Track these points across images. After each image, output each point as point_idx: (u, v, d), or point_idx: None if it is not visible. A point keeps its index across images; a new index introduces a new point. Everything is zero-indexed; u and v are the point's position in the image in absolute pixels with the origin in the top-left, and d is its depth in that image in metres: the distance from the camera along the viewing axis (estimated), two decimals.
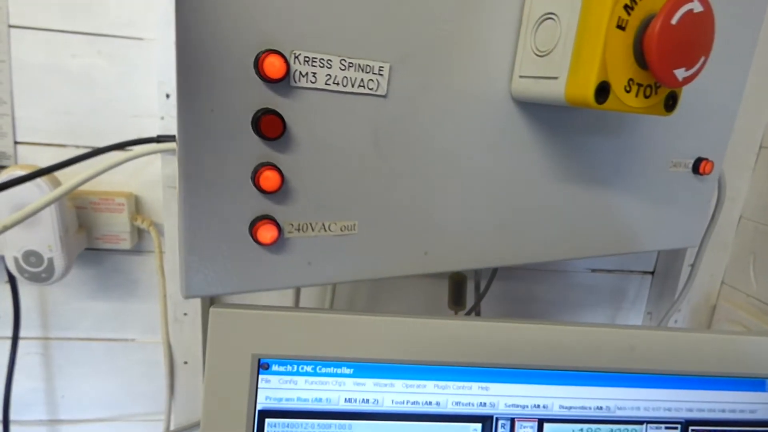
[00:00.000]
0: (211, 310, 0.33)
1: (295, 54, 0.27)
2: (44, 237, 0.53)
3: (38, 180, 0.51)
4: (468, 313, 0.63)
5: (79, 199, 0.58)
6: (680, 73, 0.27)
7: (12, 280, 0.59)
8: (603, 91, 0.28)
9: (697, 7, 0.26)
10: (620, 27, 0.27)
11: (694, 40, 0.27)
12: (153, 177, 0.61)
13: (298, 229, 0.30)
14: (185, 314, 0.63)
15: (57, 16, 0.56)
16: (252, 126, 0.28)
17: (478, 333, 0.36)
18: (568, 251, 0.42)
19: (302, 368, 0.34)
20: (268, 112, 0.27)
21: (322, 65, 0.28)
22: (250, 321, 0.33)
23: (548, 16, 0.30)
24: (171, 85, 0.56)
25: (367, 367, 0.35)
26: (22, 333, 0.64)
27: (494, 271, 0.59)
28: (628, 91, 0.28)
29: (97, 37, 0.57)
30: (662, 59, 0.27)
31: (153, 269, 0.64)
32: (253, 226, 0.29)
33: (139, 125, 0.60)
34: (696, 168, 0.47)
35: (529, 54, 0.32)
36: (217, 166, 0.28)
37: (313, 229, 0.31)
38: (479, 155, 0.35)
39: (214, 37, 0.26)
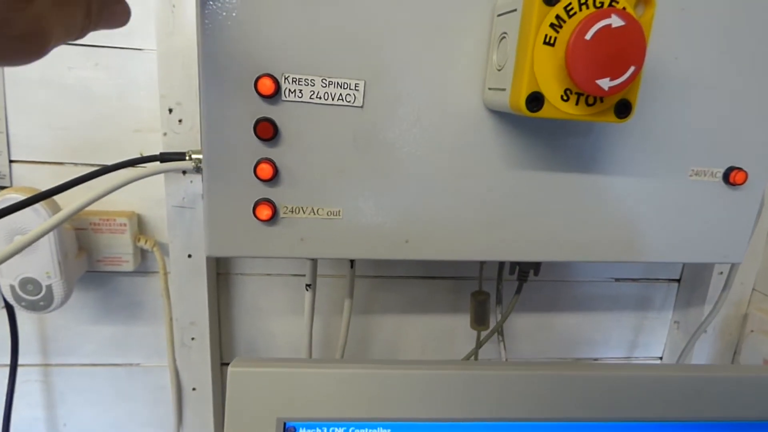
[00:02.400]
0: (230, 369, 0.30)
1: (285, 76, 0.35)
2: (42, 263, 0.50)
3: (36, 205, 0.47)
4: (491, 333, 0.59)
5: (78, 220, 0.55)
6: (605, 83, 0.29)
7: (9, 306, 0.55)
8: (536, 100, 0.31)
9: (617, 22, 0.28)
10: (548, 43, 0.30)
11: (617, 52, 0.29)
12: (156, 195, 0.57)
13: (291, 211, 0.38)
14: (193, 339, 0.60)
15: None
16: (253, 130, 0.36)
17: (528, 384, 0.34)
18: (560, 252, 0.43)
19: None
20: (263, 120, 0.35)
21: (306, 84, 0.35)
22: (273, 380, 0.30)
23: (504, 34, 0.34)
24: (174, 99, 0.53)
25: (407, 428, 0.32)
26: (21, 360, 0.61)
27: (519, 288, 0.56)
28: (565, 100, 0.31)
29: (94, 49, 0.54)
30: (580, 71, 0.29)
31: (157, 291, 0.61)
32: (254, 206, 0.37)
33: (141, 140, 0.57)
34: (726, 177, 0.44)
35: (493, 69, 0.36)
36: (230, 159, 0.36)
37: (303, 212, 0.38)
38: (455, 157, 0.39)
39: (227, 65, 0.34)
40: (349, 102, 0.36)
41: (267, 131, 0.35)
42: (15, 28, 0.20)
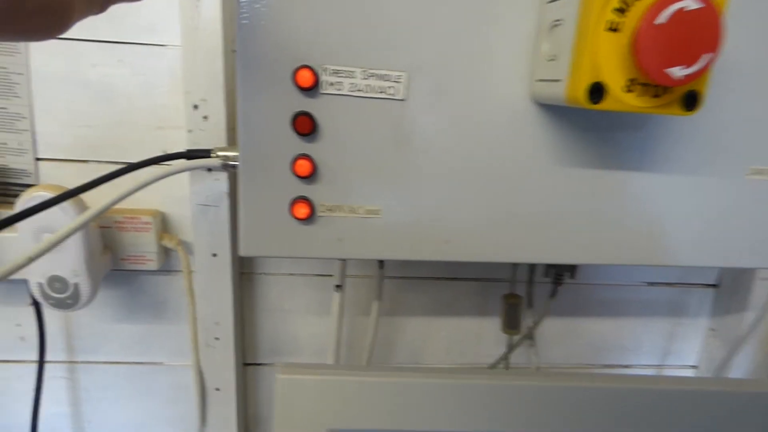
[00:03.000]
0: (278, 377, 0.29)
1: (324, 67, 0.34)
2: (70, 262, 0.49)
3: (64, 203, 0.47)
4: (524, 338, 0.57)
5: (103, 218, 0.54)
6: (676, 72, 0.27)
7: (36, 303, 0.55)
8: (597, 91, 0.29)
9: (691, 5, 0.26)
10: (613, 29, 0.28)
11: (691, 37, 0.27)
12: (181, 193, 0.56)
13: (329, 210, 0.36)
14: (217, 339, 0.59)
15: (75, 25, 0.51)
16: (290, 125, 0.34)
17: (580, 398, 0.32)
18: (603, 256, 0.41)
19: None
20: (301, 113, 0.34)
21: (346, 75, 0.34)
22: (322, 389, 0.29)
23: (557, 22, 0.32)
24: (199, 94, 0.52)
25: None
26: (48, 357, 0.60)
27: (554, 291, 0.54)
28: (628, 91, 0.29)
29: (117, 45, 0.53)
30: (649, 59, 0.27)
31: (181, 290, 0.61)
32: (291, 205, 0.36)
33: (164, 138, 0.56)
34: None
35: (543, 59, 0.34)
36: (266, 155, 0.35)
37: (342, 211, 0.37)
38: (499, 153, 0.37)
39: (264, 57, 0.33)
40: (390, 95, 0.34)
41: (305, 125, 0.34)
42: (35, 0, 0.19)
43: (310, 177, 0.35)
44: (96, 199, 0.47)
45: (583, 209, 0.39)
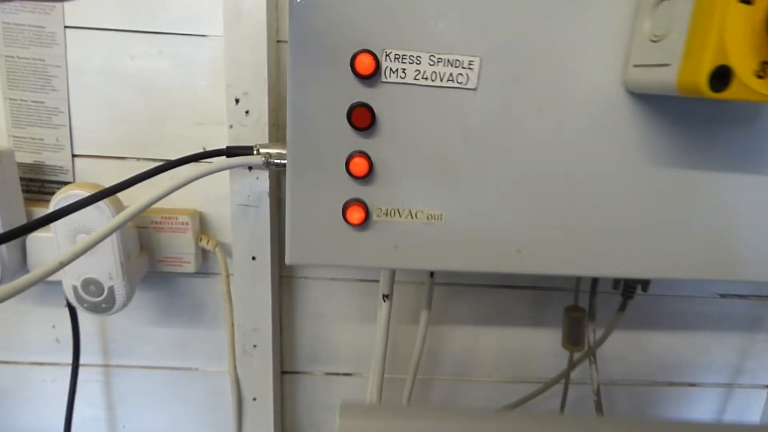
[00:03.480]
0: (339, 420, 0.25)
1: (386, 52, 0.29)
2: (105, 264, 0.47)
3: (100, 202, 0.44)
4: (586, 355, 0.52)
5: (139, 218, 0.52)
6: None
7: (71, 305, 0.53)
8: (721, 76, 0.24)
9: None
10: (745, 1, 0.23)
11: None
12: (220, 192, 0.54)
13: (386, 214, 0.32)
14: (255, 346, 0.56)
15: (114, 14, 0.49)
16: (347, 118, 0.30)
17: None
18: (697, 270, 0.36)
19: None
20: (359, 105, 0.30)
21: (411, 62, 0.30)
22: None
23: None
24: (241, 88, 0.48)
25: None
26: (83, 360, 0.59)
27: (623, 305, 0.49)
28: (760, 77, 0.24)
29: (157, 36, 0.50)
30: None
31: (219, 293, 0.58)
32: (344, 208, 0.32)
33: (205, 134, 0.53)
34: None
35: (644, 41, 0.29)
36: (318, 152, 0.31)
37: (400, 215, 0.33)
38: (583, 151, 0.32)
39: (319, 41, 0.29)
40: (460, 83, 0.30)
41: (363, 119, 0.30)
42: None
43: (366, 177, 0.31)
44: (133, 197, 0.44)
45: (674, 217, 0.34)
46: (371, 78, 0.29)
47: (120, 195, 0.48)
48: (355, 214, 0.31)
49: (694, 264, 0.35)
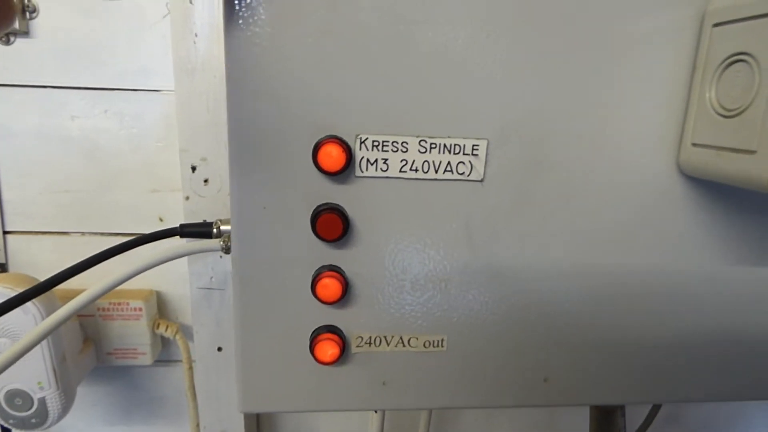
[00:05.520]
0: None
1: (361, 139, 0.22)
2: (33, 372, 0.38)
3: (27, 304, 0.36)
4: None
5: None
6: None
7: None
8: None
9: None
10: None
11: None
12: (178, 271, 0.46)
13: (369, 343, 0.25)
14: None
15: (50, 68, 0.42)
16: (311, 226, 0.23)
17: None
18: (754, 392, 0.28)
19: None
20: (327, 209, 0.22)
21: (395, 149, 0.22)
22: None
23: (739, 56, 0.20)
24: (197, 153, 0.41)
25: None
26: None
27: (655, 407, 0.41)
28: None
29: (101, 92, 0.43)
30: None
31: (183, 384, 0.49)
32: (313, 341, 0.24)
33: (161, 203, 0.45)
34: None
35: (708, 113, 0.22)
36: (274, 270, 0.23)
37: (387, 344, 0.25)
38: (625, 251, 0.24)
39: (268, 126, 0.21)
40: (462, 175, 0.22)
41: (333, 227, 0.22)
42: None
43: (341, 300, 0.23)
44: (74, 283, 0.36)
45: (737, 327, 0.26)
46: (341, 173, 0.21)
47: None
48: (328, 350, 0.23)
49: (758, 384, 0.28)
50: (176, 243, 0.38)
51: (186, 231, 0.38)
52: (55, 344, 0.39)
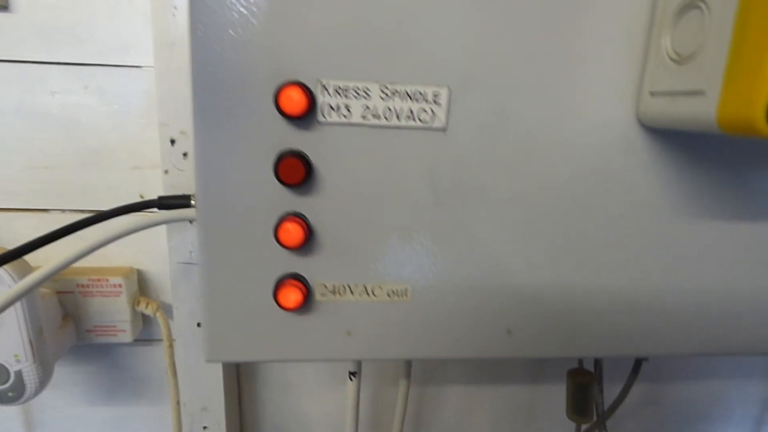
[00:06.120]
0: None
1: (323, 84, 0.22)
2: (8, 344, 0.38)
3: (2, 274, 0.36)
4: (595, 426, 0.44)
5: (62, 282, 0.43)
6: None
7: None
8: None
9: None
10: None
11: None
12: (158, 247, 0.46)
13: (333, 292, 0.25)
14: (205, 428, 0.47)
15: (29, 43, 0.42)
16: (273, 171, 0.23)
17: None
18: (717, 346, 0.29)
19: None
20: (289, 154, 0.22)
21: (357, 95, 0.22)
22: None
23: (692, 2, 0.21)
24: (177, 127, 0.41)
25: None
26: None
27: (636, 367, 0.41)
28: None
29: (82, 68, 0.43)
30: None
31: (164, 363, 0.49)
32: (276, 288, 0.24)
33: (142, 180, 0.45)
34: None
35: (664, 61, 0.22)
36: (237, 217, 0.23)
37: (352, 293, 0.25)
38: (587, 203, 0.25)
39: (231, 68, 0.21)
40: (424, 122, 0.22)
41: (295, 172, 0.22)
42: None
43: (304, 246, 0.23)
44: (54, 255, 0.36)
45: (704, 279, 0.27)
46: (304, 118, 0.21)
47: (33, 258, 0.40)
48: (291, 296, 0.23)
49: (718, 338, 0.28)
50: (155, 213, 0.38)
51: (164, 203, 0.39)
52: (32, 317, 0.39)
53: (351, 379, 0.37)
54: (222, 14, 0.20)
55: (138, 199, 0.46)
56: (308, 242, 0.23)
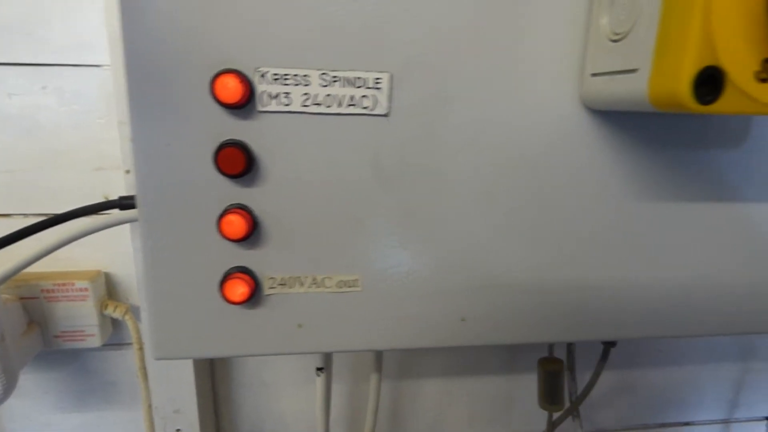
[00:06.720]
0: None
1: (260, 72, 0.21)
2: None
3: None
4: (568, 413, 0.45)
5: (25, 287, 0.43)
6: None
7: None
8: (709, 82, 0.18)
9: None
10: None
11: None
12: (126, 249, 0.45)
13: (282, 284, 0.24)
14: (178, 430, 0.47)
15: None
16: (213, 162, 0.22)
17: None
18: (680, 327, 0.29)
19: None
20: (228, 144, 0.22)
21: (296, 82, 0.22)
22: None
23: None
24: None
25: None
26: None
27: (605, 353, 0.42)
28: (764, 80, 0.18)
29: (40, 68, 0.42)
30: None
31: (134, 367, 0.48)
32: (222, 281, 0.24)
33: (105, 180, 0.45)
34: None
35: (602, 41, 0.22)
36: (179, 210, 0.23)
37: (301, 284, 0.25)
38: (536, 185, 0.25)
39: (165, 58, 0.21)
40: (366, 109, 0.22)
41: (235, 162, 0.22)
42: None
43: (249, 238, 0.23)
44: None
45: (650, 262, 0.27)
46: (243, 107, 0.21)
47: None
48: (237, 289, 0.22)
49: (677, 319, 0.28)
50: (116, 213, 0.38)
51: (125, 203, 0.38)
52: None
53: (318, 374, 0.36)
54: (154, 1, 0.20)
55: (102, 201, 0.46)
56: (253, 234, 0.23)
